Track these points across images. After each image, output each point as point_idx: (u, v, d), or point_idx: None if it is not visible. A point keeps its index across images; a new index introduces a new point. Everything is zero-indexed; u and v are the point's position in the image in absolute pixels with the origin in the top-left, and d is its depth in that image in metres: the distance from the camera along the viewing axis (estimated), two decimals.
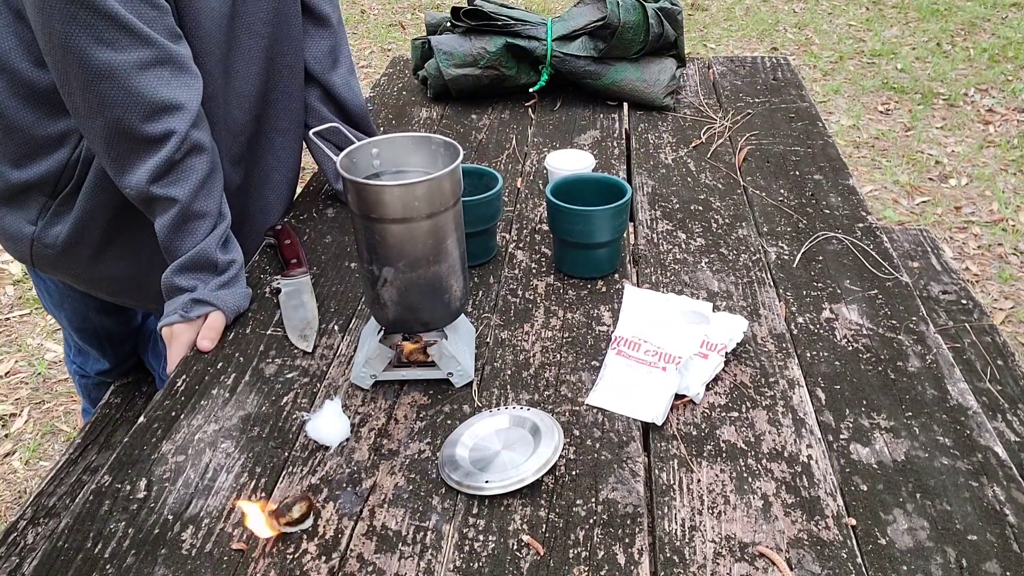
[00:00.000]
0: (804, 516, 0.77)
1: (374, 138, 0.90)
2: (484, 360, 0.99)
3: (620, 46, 1.62)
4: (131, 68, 0.96)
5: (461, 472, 0.81)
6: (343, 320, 1.08)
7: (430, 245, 0.86)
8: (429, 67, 1.70)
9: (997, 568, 0.72)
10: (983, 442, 0.85)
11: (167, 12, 1.00)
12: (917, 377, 0.94)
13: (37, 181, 1.13)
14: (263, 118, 1.25)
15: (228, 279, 1.07)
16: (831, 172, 1.40)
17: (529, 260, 1.19)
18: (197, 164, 1.03)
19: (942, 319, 1.43)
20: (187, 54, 1.03)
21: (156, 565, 0.74)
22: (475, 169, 1.18)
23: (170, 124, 1.00)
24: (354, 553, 0.75)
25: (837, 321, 1.04)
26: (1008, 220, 2.85)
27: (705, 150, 1.49)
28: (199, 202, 1.04)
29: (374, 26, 4.95)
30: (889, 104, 3.79)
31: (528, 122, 1.64)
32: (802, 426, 0.88)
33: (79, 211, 1.15)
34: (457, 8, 1.69)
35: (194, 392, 0.96)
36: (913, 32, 4.67)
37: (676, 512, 0.78)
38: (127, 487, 0.83)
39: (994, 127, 3.53)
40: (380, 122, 1.65)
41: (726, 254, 1.18)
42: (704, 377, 0.93)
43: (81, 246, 1.18)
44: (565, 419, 0.90)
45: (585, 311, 1.07)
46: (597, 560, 0.73)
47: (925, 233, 1.73)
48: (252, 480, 0.83)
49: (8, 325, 2.45)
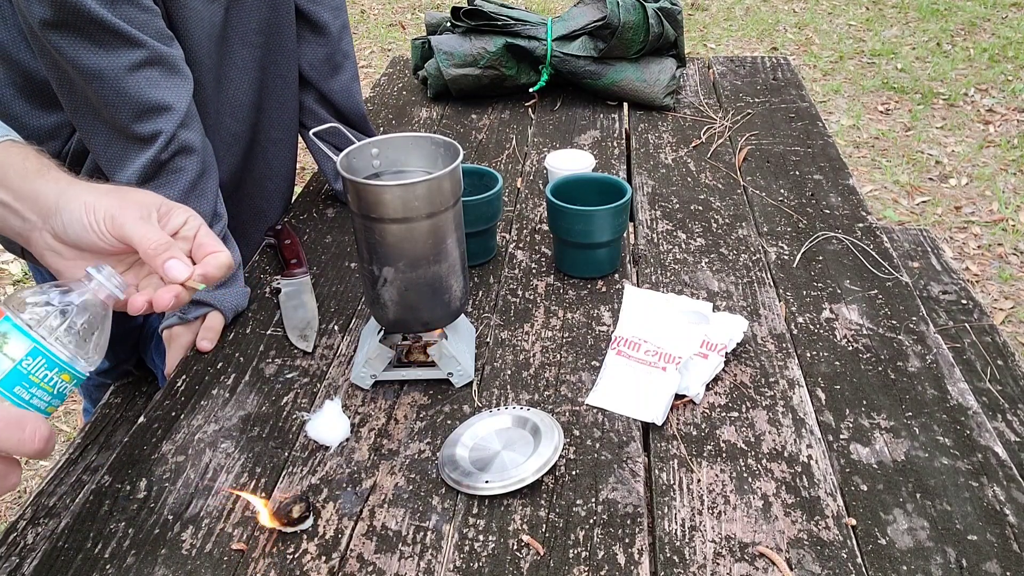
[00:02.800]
0: (804, 516, 0.77)
1: (374, 138, 0.90)
2: (484, 360, 0.99)
3: (620, 46, 1.62)
4: (121, 70, 0.97)
5: (461, 472, 0.81)
6: (343, 320, 1.08)
7: (430, 245, 0.86)
8: (429, 67, 1.70)
9: (997, 568, 0.72)
10: (983, 442, 0.85)
11: (157, 15, 1.00)
12: (917, 377, 0.94)
13: None
14: (256, 127, 1.25)
15: (226, 279, 1.07)
16: (831, 172, 1.40)
17: (529, 260, 1.19)
18: (186, 165, 1.03)
19: (942, 319, 1.43)
20: (178, 55, 1.03)
21: (156, 565, 0.74)
22: (475, 169, 1.18)
23: (158, 125, 1.00)
24: (354, 553, 0.75)
25: (837, 321, 1.04)
26: (1008, 220, 2.85)
27: (705, 150, 1.49)
28: (191, 203, 1.03)
29: (374, 26, 4.95)
30: (889, 104, 3.79)
31: (528, 122, 1.64)
32: (802, 426, 0.88)
33: None
34: (457, 8, 1.69)
35: (194, 392, 0.96)
36: (913, 32, 4.67)
37: (676, 512, 0.78)
38: (127, 487, 0.83)
39: (994, 127, 3.53)
40: (380, 122, 1.65)
41: (726, 254, 1.18)
42: (704, 377, 0.93)
43: None
44: (565, 419, 0.90)
45: (585, 311, 1.07)
46: (597, 560, 0.73)
47: (925, 233, 1.73)
48: (252, 480, 0.83)
49: None
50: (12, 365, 0.59)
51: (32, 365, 0.60)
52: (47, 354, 0.61)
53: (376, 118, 1.67)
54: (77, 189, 0.73)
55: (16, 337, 0.60)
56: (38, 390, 0.61)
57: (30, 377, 0.60)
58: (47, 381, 0.61)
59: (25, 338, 0.60)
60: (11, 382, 0.59)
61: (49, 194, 0.73)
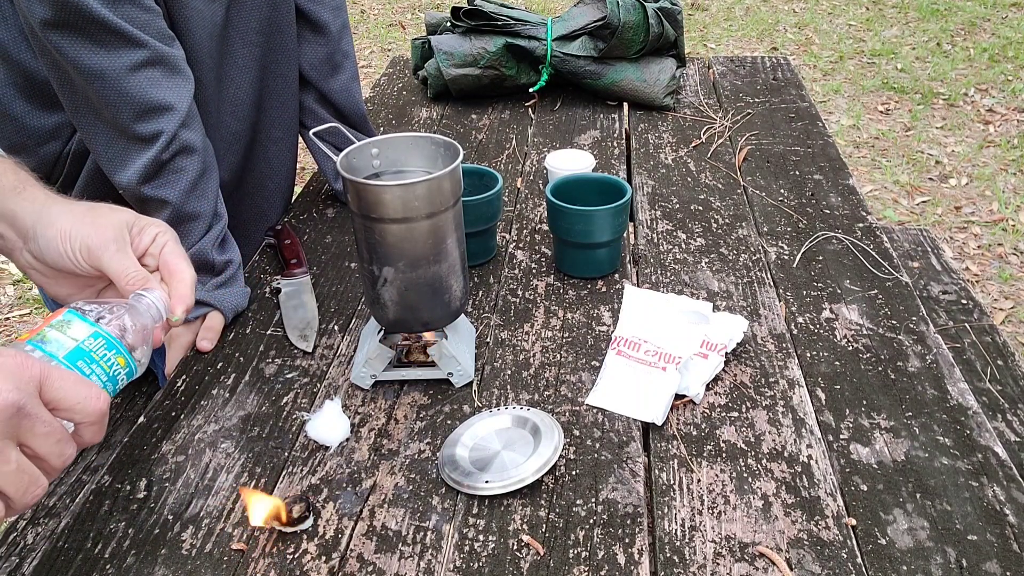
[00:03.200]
0: (804, 516, 0.77)
1: (374, 138, 0.90)
2: (484, 360, 0.99)
3: (620, 46, 1.62)
4: (122, 70, 0.97)
5: (461, 472, 0.81)
6: (343, 320, 1.08)
7: (430, 245, 0.86)
8: (429, 67, 1.70)
9: (997, 568, 0.72)
10: (983, 442, 0.85)
11: (158, 15, 1.00)
12: (917, 377, 0.94)
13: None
14: (257, 126, 1.25)
15: (226, 279, 1.07)
16: (831, 172, 1.40)
17: (529, 260, 1.19)
18: (187, 165, 1.03)
19: (942, 319, 1.43)
20: (179, 55, 1.03)
21: (156, 565, 0.74)
22: (475, 169, 1.18)
23: (159, 125, 1.00)
24: (354, 553, 0.75)
25: (837, 321, 1.04)
26: (1008, 220, 2.85)
27: (705, 150, 1.49)
28: (191, 203, 1.04)
29: (374, 26, 4.95)
30: (889, 104, 3.79)
31: (528, 122, 1.64)
32: (802, 426, 0.88)
33: None
34: (457, 8, 1.69)
35: (194, 392, 0.96)
36: (913, 32, 4.67)
37: (676, 512, 0.78)
38: (127, 487, 0.83)
39: (994, 127, 3.53)
40: (380, 122, 1.65)
41: (726, 254, 1.18)
42: (704, 377, 0.93)
43: None
44: (565, 419, 0.90)
45: (585, 311, 1.07)
46: (597, 560, 0.73)
47: (925, 233, 1.73)
48: (252, 480, 0.83)
49: (8, 325, 2.45)
50: (75, 344, 0.66)
51: (93, 344, 0.67)
52: (106, 336, 0.68)
53: (376, 118, 1.67)
54: (53, 212, 0.75)
55: (78, 323, 0.67)
56: (97, 367, 0.67)
57: (92, 354, 0.67)
58: (105, 360, 0.67)
59: (86, 323, 0.68)
60: (75, 356, 0.66)
61: (26, 216, 0.75)
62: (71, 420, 0.62)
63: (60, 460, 0.61)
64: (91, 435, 0.64)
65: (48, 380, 0.60)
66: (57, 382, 0.60)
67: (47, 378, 0.60)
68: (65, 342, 0.66)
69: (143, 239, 0.77)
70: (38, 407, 0.59)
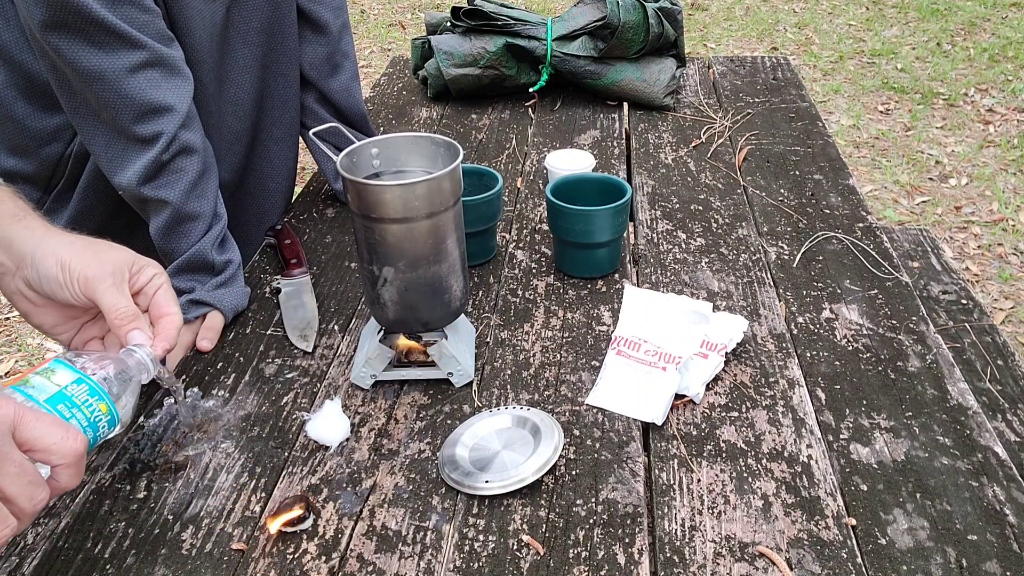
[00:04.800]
0: (804, 516, 0.77)
1: (374, 138, 0.90)
2: (484, 360, 0.99)
3: (620, 46, 1.62)
4: (121, 71, 0.97)
5: (461, 472, 0.81)
6: (343, 320, 1.08)
7: (430, 245, 0.86)
8: (429, 67, 1.70)
9: (997, 568, 0.72)
10: (983, 442, 0.85)
11: (157, 15, 1.00)
12: (917, 377, 0.94)
13: (30, 175, 1.14)
14: (258, 126, 1.25)
15: (226, 279, 1.07)
16: (831, 172, 1.40)
17: (529, 260, 1.19)
18: (187, 165, 1.03)
19: (942, 319, 1.43)
20: (179, 56, 1.03)
21: (156, 565, 0.74)
22: (475, 169, 1.18)
23: (159, 126, 1.00)
24: (354, 553, 0.75)
25: (837, 321, 1.04)
26: (1008, 220, 2.85)
27: (705, 150, 1.49)
28: (191, 204, 1.04)
29: (374, 26, 4.95)
30: (889, 104, 3.79)
31: (528, 122, 1.64)
32: (802, 426, 0.88)
33: (73, 210, 1.15)
34: (457, 8, 1.69)
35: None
36: (913, 32, 4.67)
37: (676, 512, 0.78)
38: (127, 487, 0.83)
39: (994, 127, 3.53)
40: (380, 122, 1.65)
41: (726, 254, 1.18)
42: (704, 377, 0.93)
43: None
44: (565, 419, 0.90)
45: (585, 311, 1.07)
46: (597, 560, 0.73)
47: (925, 233, 1.73)
48: (252, 480, 0.83)
49: (8, 325, 2.45)
50: (58, 389, 0.67)
51: (75, 390, 0.68)
52: (89, 382, 0.69)
53: (376, 118, 1.67)
54: (52, 243, 0.77)
55: (63, 370, 0.69)
56: (78, 411, 0.67)
57: (73, 399, 0.67)
58: (87, 406, 0.68)
59: (71, 371, 0.69)
60: (55, 400, 0.67)
61: (24, 243, 0.77)
62: (47, 462, 0.62)
63: (30, 504, 0.60)
64: (67, 478, 0.63)
65: (23, 421, 0.60)
66: (32, 423, 0.60)
67: (21, 419, 0.60)
68: (48, 387, 0.67)
69: (140, 278, 0.80)
70: (9, 447, 0.59)
